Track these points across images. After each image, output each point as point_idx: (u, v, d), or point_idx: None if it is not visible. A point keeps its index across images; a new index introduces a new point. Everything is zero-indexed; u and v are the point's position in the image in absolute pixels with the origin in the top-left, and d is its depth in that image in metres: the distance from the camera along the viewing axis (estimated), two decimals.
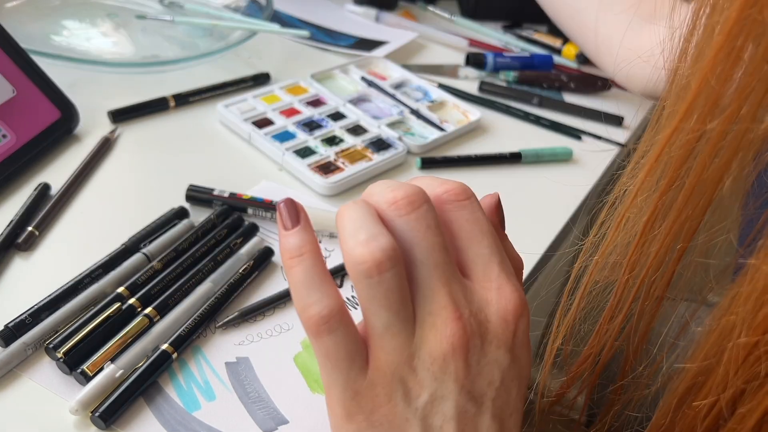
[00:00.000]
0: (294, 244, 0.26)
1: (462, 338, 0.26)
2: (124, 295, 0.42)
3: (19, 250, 0.45)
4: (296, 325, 0.43)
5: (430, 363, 0.26)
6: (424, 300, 0.26)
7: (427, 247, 0.26)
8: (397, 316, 0.26)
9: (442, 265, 0.26)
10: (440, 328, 0.26)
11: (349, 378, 0.26)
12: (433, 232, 0.26)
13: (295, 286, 0.26)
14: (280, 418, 0.38)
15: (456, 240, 0.27)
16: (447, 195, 0.27)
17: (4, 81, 0.52)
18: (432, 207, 0.26)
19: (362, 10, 0.85)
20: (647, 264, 0.31)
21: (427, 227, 0.26)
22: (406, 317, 0.26)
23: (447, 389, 0.26)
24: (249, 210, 0.50)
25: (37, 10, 0.73)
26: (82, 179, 0.52)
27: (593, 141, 0.68)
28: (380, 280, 0.25)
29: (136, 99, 0.61)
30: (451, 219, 0.27)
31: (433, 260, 0.26)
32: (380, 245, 0.25)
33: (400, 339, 0.26)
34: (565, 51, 0.82)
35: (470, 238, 0.27)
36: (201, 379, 0.39)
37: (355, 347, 0.26)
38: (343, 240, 0.26)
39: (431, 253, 0.26)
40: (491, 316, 0.27)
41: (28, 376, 0.38)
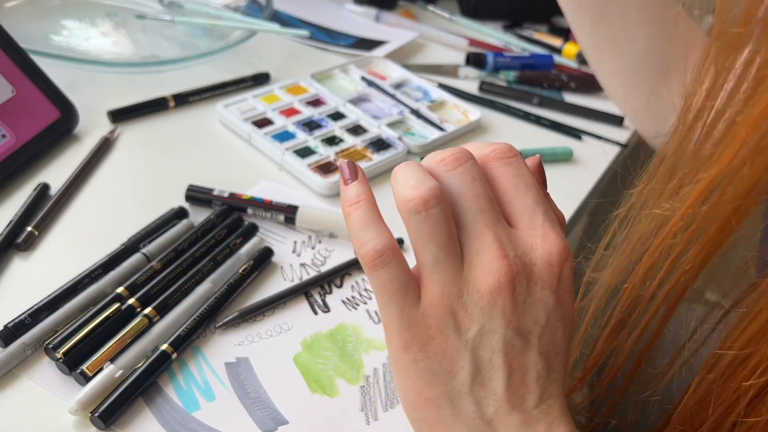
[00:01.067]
0: (352, 193, 0.29)
1: (508, 275, 0.27)
2: (123, 295, 0.42)
3: (19, 250, 0.45)
4: (296, 325, 0.43)
5: (478, 298, 0.28)
6: (471, 241, 0.28)
7: (472, 196, 0.28)
8: (445, 250, 0.27)
9: (487, 211, 0.28)
10: (486, 266, 0.27)
11: (404, 308, 0.28)
12: (478, 183, 0.28)
13: (353, 228, 0.29)
14: (280, 419, 0.38)
15: (502, 193, 0.29)
16: (494, 153, 0.29)
17: (4, 81, 0.52)
18: (476, 163, 0.29)
19: (362, 10, 0.85)
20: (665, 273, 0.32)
21: (472, 179, 0.28)
22: (453, 252, 0.28)
23: (495, 323, 0.28)
24: (249, 210, 0.50)
25: (37, 10, 0.73)
26: (82, 179, 0.52)
27: (593, 141, 0.68)
28: (427, 215, 0.27)
29: (136, 99, 0.61)
30: (498, 175, 0.29)
31: (479, 206, 0.28)
32: (426, 186, 0.27)
33: (448, 273, 0.28)
34: (565, 51, 0.82)
35: (516, 190, 0.29)
36: (201, 380, 0.39)
37: (407, 279, 0.28)
38: (395, 189, 0.28)
39: (476, 200, 0.28)
40: (536, 260, 0.28)
41: (27, 376, 0.38)
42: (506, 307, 0.27)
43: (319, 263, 0.48)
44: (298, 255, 0.48)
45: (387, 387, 0.40)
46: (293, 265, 0.48)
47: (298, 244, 0.49)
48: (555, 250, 0.28)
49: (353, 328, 0.44)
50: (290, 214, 0.50)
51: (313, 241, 0.50)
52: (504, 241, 0.28)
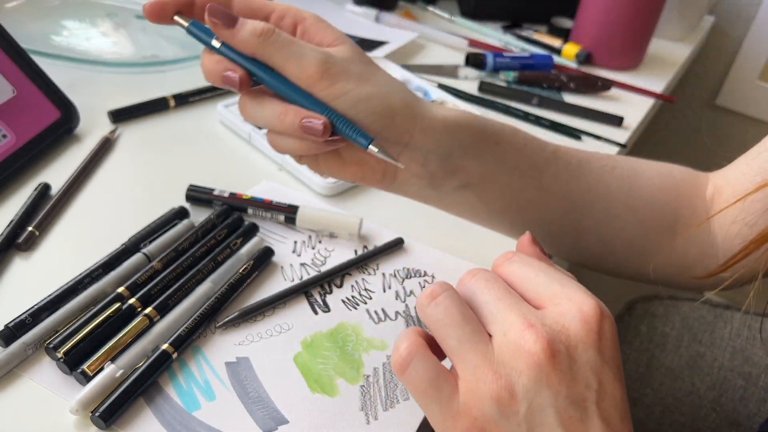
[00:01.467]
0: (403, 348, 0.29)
1: (541, 343, 0.26)
2: (124, 295, 0.42)
3: (19, 250, 0.45)
4: (296, 324, 0.43)
5: (517, 376, 0.26)
6: (495, 325, 0.28)
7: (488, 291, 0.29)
8: (464, 329, 0.27)
9: (505, 297, 0.28)
10: (516, 341, 0.27)
11: (441, 404, 0.27)
12: (492, 282, 0.29)
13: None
14: (280, 418, 0.38)
15: (518, 287, 0.29)
16: (499, 260, 0.31)
17: (4, 81, 0.52)
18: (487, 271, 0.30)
19: (362, 11, 0.85)
20: None
21: (486, 281, 0.29)
22: (473, 331, 0.28)
23: (543, 398, 0.26)
24: (249, 210, 0.50)
25: (37, 10, 0.73)
26: (82, 179, 0.52)
27: (593, 141, 0.68)
28: (436, 303, 0.28)
29: (136, 99, 0.61)
30: (508, 273, 0.30)
31: (496, 296, 0.28)
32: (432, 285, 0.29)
33: (476, 355, 0.27)
34: (564, 51, 0.82)
35: (528, 278, 0.29)
36: (201, 379, 0.39)
37: (436, 373, 0.28)
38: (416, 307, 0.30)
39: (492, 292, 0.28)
40: (569, 323, 0.27)
41: (28, 376, 0.38)
42: (550, 377, 0.26)
43: (319, 263, 0.48)
44: (299, 255, 0.49)
45: (387, 386, 0.40)
46: (293, 265, 0.48)
47: (299, 244, 0.49)
48: (587, 308, 0.27)
49: (353, 328, 0.44)
50: (290, 214, 0.50)
51: (313, 241, 0.50)
52: (529, 316, 0.27)
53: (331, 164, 0.38)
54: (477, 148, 0.39)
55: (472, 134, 0.38)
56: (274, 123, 0.35)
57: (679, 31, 0.94)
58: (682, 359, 0.57)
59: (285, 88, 0.35)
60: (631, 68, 0.84)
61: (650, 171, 0.45)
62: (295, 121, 0.34)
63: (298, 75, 0.34)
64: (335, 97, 0.34)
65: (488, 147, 0.39)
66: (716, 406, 0.55)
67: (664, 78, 0.84)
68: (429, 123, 0.37)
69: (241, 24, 0.34)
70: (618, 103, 0.76)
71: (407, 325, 0.44)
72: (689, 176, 0.47)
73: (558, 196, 0.42)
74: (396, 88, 0.36)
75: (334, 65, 0.34)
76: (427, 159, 0.37)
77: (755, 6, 1.01)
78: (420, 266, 0.49)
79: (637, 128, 0.74)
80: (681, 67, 0.90)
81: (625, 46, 0.82)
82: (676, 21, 0.93)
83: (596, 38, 0.81)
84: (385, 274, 0.48)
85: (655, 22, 0.81)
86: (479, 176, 0.39)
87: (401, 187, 0.39)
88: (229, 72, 0.35)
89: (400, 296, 0.46)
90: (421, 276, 0.48)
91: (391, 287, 0.47)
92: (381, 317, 0.45)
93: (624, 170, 0.44)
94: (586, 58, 0.82)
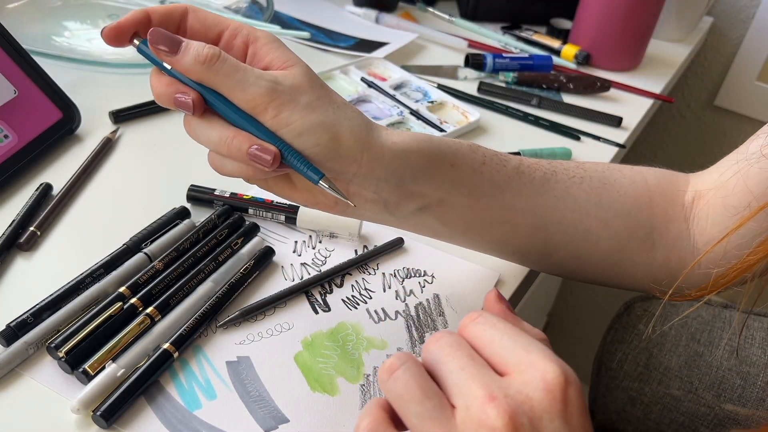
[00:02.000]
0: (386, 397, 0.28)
1: (502, 417, 0.25)
2: (125, 294, 0.42)
3: (21, 250, 0.45)
4: (297, 324, 0.44)
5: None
6: (458, 398, 0.27)
7: (450, 359, 0.28)
8: (423, 404, 0.26)
9: (469, 366, 0.27)
10: (478, 416, 0.26)
11: None
12: (455, 347, 0.28)
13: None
14: (281, 417, 0.38)
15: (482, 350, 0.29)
16: (465, 321, 0.30)
17: (6, 82, 0.52)
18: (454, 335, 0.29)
19: (362, 12, 0.86)
20: None
21: (449, 346, 0.28)
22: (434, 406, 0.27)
23: None
24: (250, 210, 0.50)
25: (39, 11, 0.74)
26: (84, 179, 0.52)
27: (592, 141, 0.68)
28: (395, 377, 0.27)
29: (138, 99, 0.61)
30: (472, 336, 0.29)
31: (459, 365, 0.27)
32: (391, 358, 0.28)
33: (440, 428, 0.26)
34: (564, 52, 0.82)
35: (492, 342, 0.28)
36: (202, 378, 0.39)
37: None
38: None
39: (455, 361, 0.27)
40: (533, 393, 0.26)
41: (29, 375, 0.38)
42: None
43: (319, 263, 0.48)
44: (299, 255, 0.49)
45: None
46: (294, 264, 0.48)
47: (299, 244, 0.50)
48: (550, 376, 0.26)
49: (353, 327, 0.44)
50: (291, 214, 0.50)
51: (313, 241, 0.50)
52: (491, 387, 0.26)
53: (282, 189, 0.38)
54: (430, 172, 0.38)
55: (425, 158, 0.37)
56: (221, 147, 0.34)
57: (678, 31, 0.94)
58: (681, 358, 0.57)
59: (235, 115, 0.34)
60: (629, 69, 0.85)
61: (622, 179, 0.44)
62: (243, 148, 0.33)
63: (244, 103, 0.33)
64: (280, 126, 0.34)
65: (443, 169, 0.38)
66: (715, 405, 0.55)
67: (662, 78, 0.84)
68: (378, 151, 0.36)
69: (184, 49, 0.33)
70: (617, 104, 0.76)
71: (407, 324, 0.45)
72: (665, 182, 0.46)
73: (523, 212, 0.41)
74: (345, 116, 0.35)
75: (281, 95, 0.34)
76: (378, 186, 0.37)
77: (754, 7, 1.01)
78: (420, 266, 0.49)
79: (636, 129, 0.74)
80: (680, 67, 0.90)
81: (624, 47, 0.82)
82: (674, 22, 0.93)
83: (595, 39, 0.81)
84: (385, 273, 0.48)
85: (653, 23, 0.81)
86: (436, 199, 0.39)
87: (356, 212, 0.39)
88: (180, 95, 0.34)
89: (400, 296, 0.47)
90: (421, 276, 0.49)
91: (391, 287, 0.47)
92: (381, 317, 0.45)
93: (593, 181, 0.43)
94: (585, 58, 0.82)
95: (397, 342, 0.43)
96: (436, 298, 0.47)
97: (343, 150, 0.35)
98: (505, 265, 0.50)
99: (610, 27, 0.80)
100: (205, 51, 0.33)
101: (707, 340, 0.58)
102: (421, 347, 0.43)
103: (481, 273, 0.49)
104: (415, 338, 0.44)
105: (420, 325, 0.45)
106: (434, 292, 0.47)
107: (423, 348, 0.29)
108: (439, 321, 0.45)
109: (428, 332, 0.44)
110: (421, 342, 0.44)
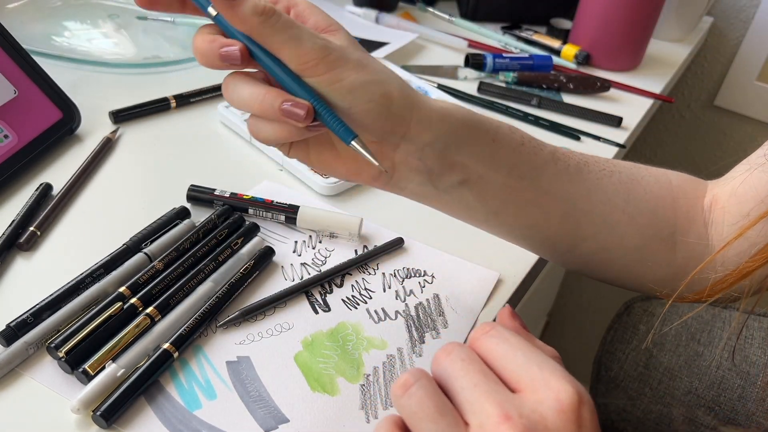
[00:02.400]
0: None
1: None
2: (125, 294, 0.42)
3: (21, 249, 0.45)
4: (296, 324, 0.44)
5: None
6: (472, 416, 0.26)
7: (463, 375, 0.27)
8: (438, 424, 0.26)
9: (482, 383, 0.27)
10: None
11: None
12: (467, 362, 0.28)
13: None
14: (281, 417, 0.38)
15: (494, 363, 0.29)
16: (477, 333, 0.29)
17: (6, 82, 0.52)
18: (465, 347, 0.29)
19: (362, 12, 0.86)
20: None
21: (461, 360, 0.28)
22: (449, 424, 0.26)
23: None
24: (250, 210, 0.50)
25: (39, 11, 0.74)
26: (84, 179, 0.52)
27: (592, 141, 0.68)
28: (409, 394, 0.27)
29: (138, 99, 0.61)
30: (484, 350, 0.29)
31: (472, 381, 0.27)
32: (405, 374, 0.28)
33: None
34: (564, 52, 0.82)
35: (505, 356, 0.28)
36: (202, 378, 0.39)
37: None
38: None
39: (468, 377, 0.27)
40: (546, 413, 0.26)
41: (29, 375, 0.38)
42: None
43: (319, 263, 0.48)
44: (299, 255, 0.49)
45: (387, 385, 0.41)
46: (294, 264, 0.48)
47: (299, 244, 0.50)
48: (563, 396, 0.26)
49: (353, 327, 0.44)
50: (291, 214, 0.50)
51: (313, 240, 0.50)
52: (506, 406, 0.26)
53: (324, 157, 0.38)
54: (474, 143, 0.38)
55: (469, 128, 0.37)
56: (254, 105, 0.34)
57: (678, 32, 0.94)
58: (681, 358, 0.57)
59: (279, 68, 0.34)
60: (629, 69, 0.85)
61: (648, 178, 0.45)
62: (275, 104, 0.33)
63: (295, 59, 0.33)
64: (332, 82, 0.33)
65: (485, 142, 0.38)
66: (714, 405, 0.55)
67: (662, 79, 0.84)
68: (426, 113, 0.36)
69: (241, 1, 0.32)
70: (617, 104, 0.76)
71: (407, 324, 0.45)
72: (687, 184, 0.46)
73: (556, 198, 0.41)
74: (392, 76, 0.35)
75: (333, 51, 0.33)
76: (424, 152, 0.37)
77: (753, 7, 1.01)
78: (420, 266, 0.49)
79: (636, 128, 0.74)
80: (679, 67, 0.90)
81: (624, 47, 0.82)
82: (674, 22, 0.93)
83: (595, 39, 0.81)
84: (385, 273, 0.48)
85: (653, 23, 0.82)
86: (477, 173, 0.38)
87: (398, 184, 0.38)
88: (227, 48, 0.33)
89: (400, 296, 0.47)
90: (421, 276, 0.49)
91: (391, 287, 0.47)
92: (381, 317, 0.45)
93: (622, 176, 0.43)
94: (585, 58, 0.82)
95: (397, 342, 0.43)
96: (436, 298, 0.47)
97: (394, 107, 0.35)
98: (505, 265, 0.50)
99: (610, 27, 0.80)
100: (263, 3, 0.32)
101: (707, 340, 0.58)
102: (421, 347, 0.43)
103: (481, 273, 0.49)
104: (415, 338, 0.44)
105: (420, 325, 0.45)
106: (434, 292, 0.47)
107: (433, 360, 0.29)
108: (439, 321, 0.45)
109: (428, 332, 0.44)
110: (421, 342, 0.44)
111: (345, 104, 0.34)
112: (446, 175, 0.38)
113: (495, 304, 0.47)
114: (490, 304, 0.47)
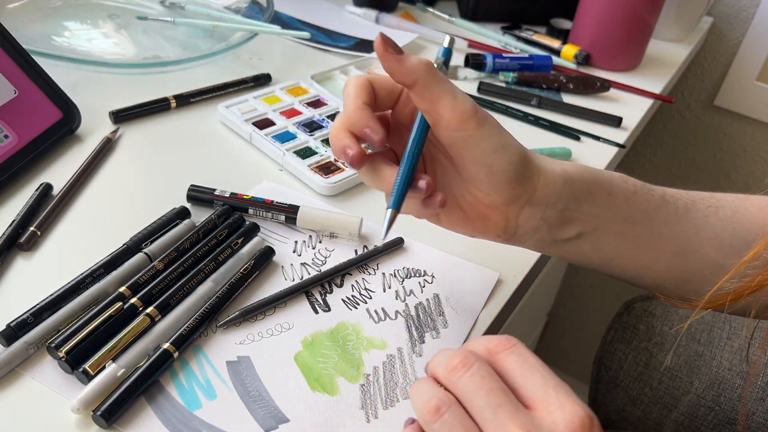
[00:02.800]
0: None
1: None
2: (125, 294, 0.42)
3: (21, 249, 0.46)
4: (297, 324, 0.44)
5: None
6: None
7: (485, 393, 0.29)
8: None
9: (504, 404, 0.29)
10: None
11: None
12: (488, 379, 0.30)
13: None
14: (281, 417, 0.38)
15: (512, 380, 0.30)
16: (496, 347, 0.31)
17: (6, 82, 0.52)
18: (483, 361, 0.30)
19: (362, 12, 0.86)
20: None
21: (482, 378, 0.29)
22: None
23: None
24: (250, 210, 0.50)
25: (39, 11, 0.74)
26: (84, 179, 0.52)
27: (592, 141, 0.69)
28: (442, 422, 0.29)
29: (138, 99, 0.61)
30: (504, 365, 0.31)
31: (495, 402, 0.29)
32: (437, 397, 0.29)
33: None
34: (563, 52, 0.82)
35: (523, 375, 0.30)
36: (202, 378, 0.39)
37: None
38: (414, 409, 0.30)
39: (491, 396, 0.29)
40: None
41: (29, 375, 0.38)
42: None
43: (319, 263, 0.48)
44: (299, 255, 0.49)
45: (387, 385, 0.41)
46: (294, 264, 0.48)
47: (299, 244, 0.50)
48: (576, 419, 0.28)
49: (353, 327, 0.44)
50: (291, 214, 0.50)
51: (313, 240, 0.50)
52: (528, 427, 0.28)
53: (454, 218, 0.41)
54: (591, 200, 0.40)
55: (586, 185, 0.40)
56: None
57: (678, 32, 0.94)
58: (681, 358, 0.57)
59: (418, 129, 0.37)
60: (629, 69, 0.85)
61: (751, 208, 0.46)
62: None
63: (451, 110, 0.36)
64: (480, 138, 0.36)
65: (601, 197, 0.40)
66: (714, 405, 0.55)
67: (662, 79, 0.84)
68: (550, 177, 0.38)
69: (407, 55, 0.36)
70: (617, 104, 0.77)
71: (407, 324, 0.45)
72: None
73: (668, 240, 0.43)
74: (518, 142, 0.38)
75: (480, 110, 0.36)
76: (545, 213, 0.39)
77: (753, 7, 1.01)
78: (420, 266, 0.49)
79: (636, 129, 0.74)
80: (679, 67, 0.90)
81: (624, 47, 0.82)
82: (674, 22, 0.93)
83: (595, 39, 0.82)
84: (385, 273, 0.48)
85: (653, 23, 0.82)
86: (593, 226, 0.40)
87: (519, 239, 0.41)
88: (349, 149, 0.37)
89: (400, 296, 0.47)
90: (421, 276, 0.49)
91: (391, 287, 0.47)
92: (381, 317, 0.45)
93: (726, 210, 0.45)
94: (585, 58, 0.82)
95: (397, 342, 0.43)
96: (436, 297, 0.47)
97: (527, 172, 0.38)
98: (505, 265, 0.50)
99: (610, 27, 0.80)
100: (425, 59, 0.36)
101: (707, 340, 0.58)
102: (421, 347, 0.43)
103: (481, 273, 0.49)
104: (415, 338, 0.44)
105: (420, 325, 0.45)
106: (434, 292, 0.47)
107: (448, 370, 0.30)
108: (439, 321, 0.45)
109: (428, 332, 0.44)
110: (421, 342, 0.44)
111: (487, 162, 0.37)
112: (564, 229, 0.40)
113: (495, 304, 0.47)
114: (490, 305, 0.47)
